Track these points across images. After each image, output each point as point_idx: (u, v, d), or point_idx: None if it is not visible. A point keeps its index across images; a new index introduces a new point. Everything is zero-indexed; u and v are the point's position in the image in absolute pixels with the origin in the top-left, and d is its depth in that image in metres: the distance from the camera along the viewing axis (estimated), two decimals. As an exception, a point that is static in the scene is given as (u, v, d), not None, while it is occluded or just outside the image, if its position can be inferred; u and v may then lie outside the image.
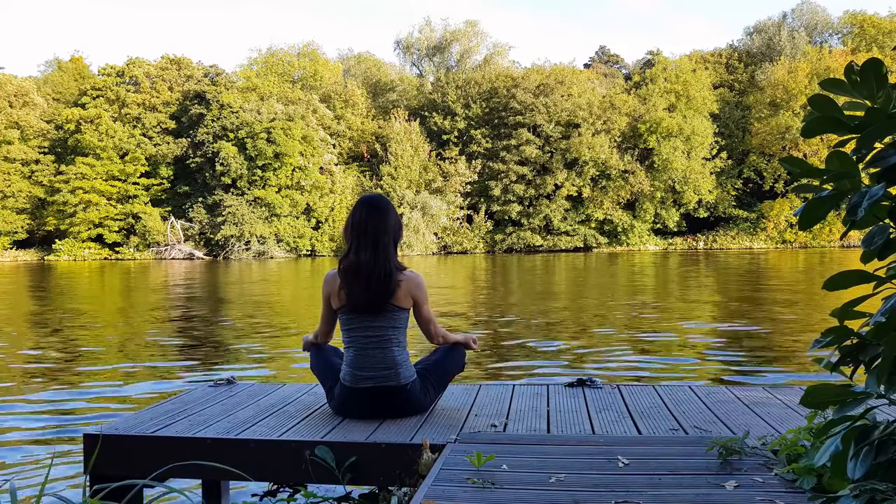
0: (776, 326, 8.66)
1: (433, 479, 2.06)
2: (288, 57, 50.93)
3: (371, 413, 2.92)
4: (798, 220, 1.46)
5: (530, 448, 2.39)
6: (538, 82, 46.26)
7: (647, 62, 52.06)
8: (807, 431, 2.14)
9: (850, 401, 1.48)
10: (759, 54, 50.49)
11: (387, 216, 2.96)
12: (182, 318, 10.90)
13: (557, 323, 9.48)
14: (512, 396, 3.29)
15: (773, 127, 45.19)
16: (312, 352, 3.24)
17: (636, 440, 2.52)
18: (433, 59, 52.27)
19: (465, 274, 22.84)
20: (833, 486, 1.77)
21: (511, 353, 7.00)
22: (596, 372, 5.80)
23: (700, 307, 11.43)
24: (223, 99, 42.81)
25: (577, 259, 32.81)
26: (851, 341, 1.51)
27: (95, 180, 42.59)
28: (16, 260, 42.03)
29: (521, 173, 44.79)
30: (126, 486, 1.41)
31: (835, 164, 1.41)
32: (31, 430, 4.40)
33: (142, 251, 42.47)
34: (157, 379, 5.92)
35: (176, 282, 20.51)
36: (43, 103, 46.85)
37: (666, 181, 45.12)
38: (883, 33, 49.27)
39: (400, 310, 2.97)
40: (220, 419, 2.91)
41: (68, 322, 10.60)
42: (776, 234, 45.13)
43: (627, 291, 14.83)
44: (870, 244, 1.41)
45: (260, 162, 41.50)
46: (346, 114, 47.31)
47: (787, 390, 3.36)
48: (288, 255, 42.32)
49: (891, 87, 1.37)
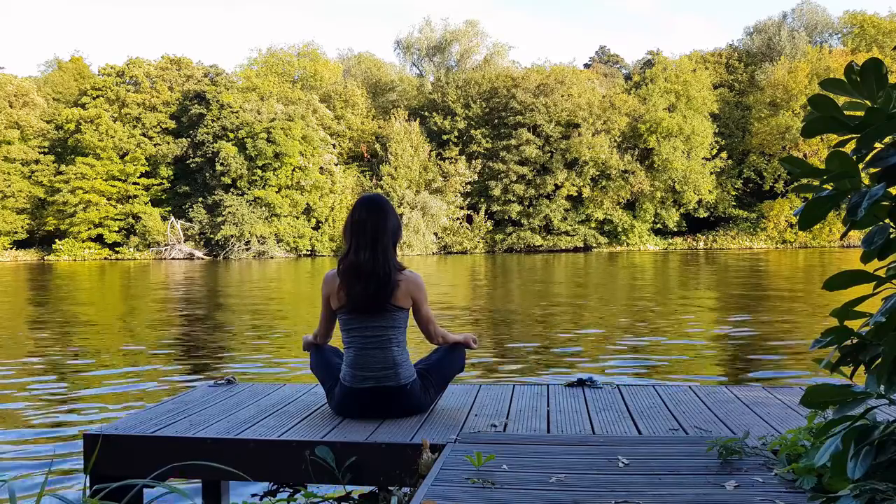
0: (776, 326, 8.66)
1: (433, 479, 2.06)
2: (288, 57, 50.93)
3: (371, 413, 2.91)
4: (798, 220, 1.47)
5: (530, 448, 2.39)
6: (538, 82, 46.24)
7: (647, 62, 52.05)
8: (807, 431, 2.14)
9: (850, 401, 1.49)
10: (759, 54, 50.48)
11: (386, 216, 2.95)
12: (182, 318, 10.90)
13: (557, 323, 9.48)
14: (512, 396, 3.29)
15: (773, 127, 45.18)
16: (312, 352, 3.23)
17: (636, 440, 2.52)
18: (433, 59, 52.25)
19: (464, 274, 22.84)
20: (833, 486, 1.77)
21: (511, 353, 7.00)
22: (596, 372, 5.80)
23: (700, 307, 11.42)
24: (223, 99, 42.81)
25: (577, 259, 32.81)
26: (851, 341, 1.51)
27: (95, 180, 42.58)
28: (16, 260, 42.02)
29: (521, 173, 44.79)
30: (126, 486, 1.41)
31: (835, 164, 1.41)
32: (32, 430, 4.40)
33: (142, 251, 42.46)
34: (157, 379, 5.92)
35: (176, 282, 20.50)
36: (43, 103, 46.84)
37: (666, 181, 45.11)
38: (883, 33, 49.26)
39: (399, 310, 2.97)
40: (220, 419, 2.91)
41: (68, 322, 10.60)
42: (776, 234, 45.12)
43: (627, 291, 14.83)
44: (870, 244, 1.41)
45: (260, 162, 41.50)
46: (346, 114, 47.31)
47: (787, 390, 3.35)
48: (288, 255, 42.31)
49: (891, 87, 1.37)
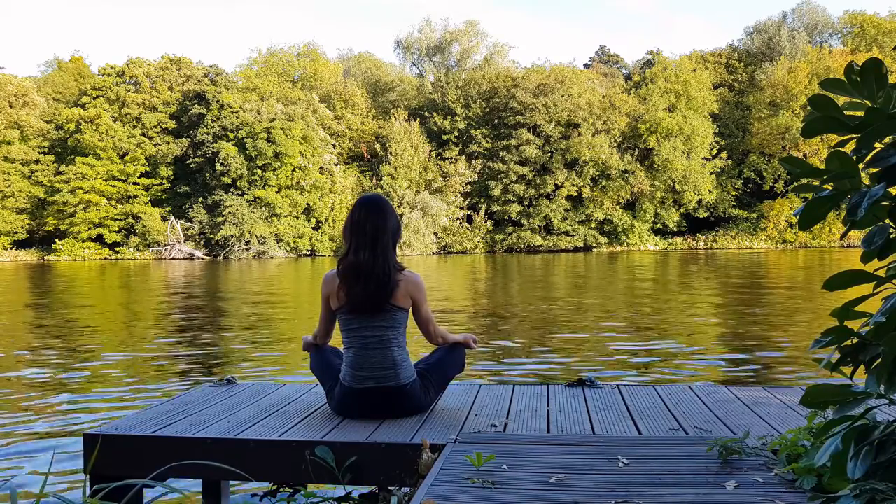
0: (776, 326, 8.66)
1: (433, 479, 2.06)
2: (288, 57, 50.93)
3: (371, 413, 2.91)
4: (798, 220, 1.46)
5: (530, 448, 2.39)
6: (538, 82, 46.24)
7: (647, 62, 52.04)
8: (807, 431, 2.14)
9: (850, 401, 1.49)
10: (759, 54, 50.49)
11: (386, 216, 2.95)
12: (182, 318, 10.90)
13: (558, 322, 9.48)
14: (512, 396, 3.29)
15: (773, 127, 45.18)
16: (312, 352, 3.23)
17: (636, 440, 2.52)
18: (433, 59, 52.26)
19: (464, 274, 22.83)
20: (833, 486, 1.77)
21: (511, 353, 7.00)
22: (596, 372, 5.80)
23: (700, 307, 11.42)
24: (223, 99, 42.80)
25: (577, 259, 32.81)
26: (851, 341, 1.51)
27: (95, 180, 42.58)
28: (16, 260, 42.02)
29: (521, 173, 44.78)
30: (126, 486, 1.40)
31: (835, 164, 1.41)
32: (32, 429, 4.40)
33: (142, 251, 42.45)
34: (157, 379, 5.92)
35: (176, 282, 20.50)
36: (43, 103, 46.83)
37: (666, 181, 45.11)
38: (883, 33, 49.25)
39: (399, 310, 2.97)
40: (220, 419, 2.91)
41: (68, 322, 10.60)
42: (776, 234, 45.12)
43: (627, 291, 14.83)
44: (870, 244, 1.41)
45: (260, 162, 41.50)
46: (346, 114, 47.31)
47: (787, 390, 3.35)
48: (288, 255, 42.31)
49: (891, 87, 1.37)
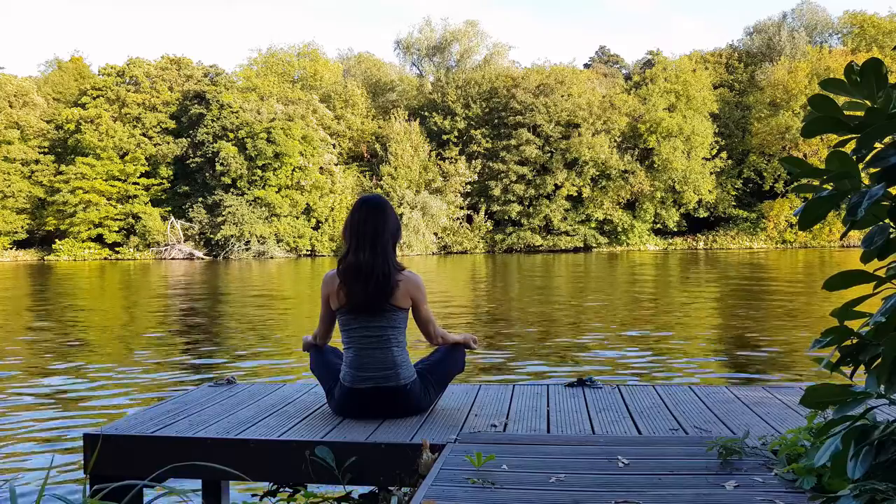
0: (776, 326, 8.66)
1: (433, 479, 2.06)
2: (288, 57, 50.91)
3: (371, 413, 2.91)
4: (798, 220, 1.46)
5: (530, 448, 2.39)
6: (538, 82, 46.22)
7: (646, 62, 52.01)
8: (807, 431, 2.13)
9: (850, 401, 1.48)
10: (759, 54, 50.47)
11: (386, 216, 2.95)
12: (182, 318, 10.90)
13: (557, 322, 9.48)
14: (512, 396, 3.29)
15: (773, 127, 45.17)
16: (312, 352, 3.23)
17: (636, 440, 2.52)
18: (433, 59, 52.24)
19: (464, 274, 22.83)
20: (833, 486, 1.77)
21: (511, 353, 7.00)
22: (596, 372, 5.80)
23: (700, 307, 11.42)
24: (223, 99, 42.79)
25: (577, 259, 32.80)
26: (851, 341, 1.51)
27: (95, 180, 42.57)
28: (16, 260, 42.02)
29: (521, 173, 44.77)
30: (126, 486, 1.41)
31: (835, 164, 1.41)
32: (32, 429, 4.40)
33: (142, 251, 42.44)
34: (157, 379, 5.92)
35: (176, 282, 20.50)
36: (43, 103, 46.81)
37: (666, 181, 45.09)
38: (883, 33, 49.24)
39: (399, 310, 2.97)
40: (220, 419, 2.91)
41: (68, 322, 10.60)
42: (776, 234, 45.11)
43: (627, 291, 14.83)
44: (870, 244, 1.41)
45: (260, 162, 41.49)
46: (346, 114, 47.28)
47: (787, 390, 3.35)
48: (288, 254, 42.31)
49: (891, 87, 1.37)
